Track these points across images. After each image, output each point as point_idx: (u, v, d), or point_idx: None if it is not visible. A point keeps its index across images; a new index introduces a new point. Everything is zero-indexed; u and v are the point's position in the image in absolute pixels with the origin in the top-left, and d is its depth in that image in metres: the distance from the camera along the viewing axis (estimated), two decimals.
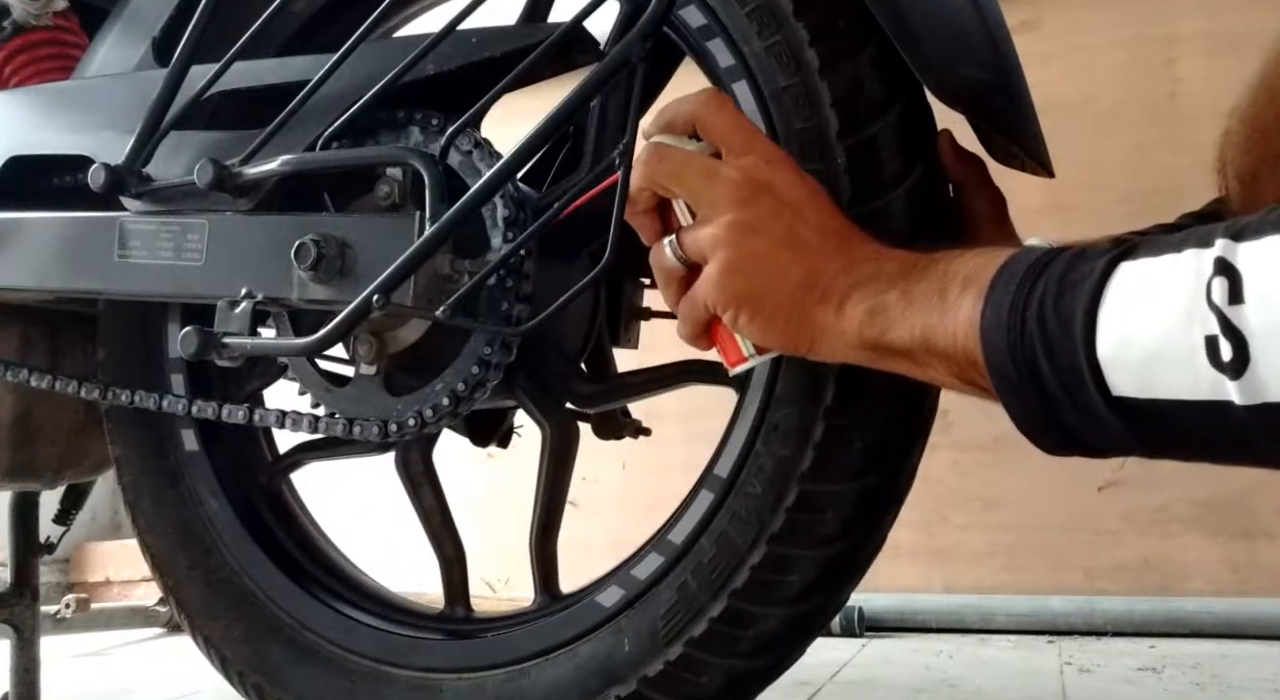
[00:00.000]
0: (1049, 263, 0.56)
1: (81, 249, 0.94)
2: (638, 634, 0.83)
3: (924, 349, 0.61)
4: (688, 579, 0.81)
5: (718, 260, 0.67)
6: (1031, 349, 0.54)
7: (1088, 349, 0.52)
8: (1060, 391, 0.54)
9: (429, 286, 0.78)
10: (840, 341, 0.65)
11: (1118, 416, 0.53)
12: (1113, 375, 0.52)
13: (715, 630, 0.80)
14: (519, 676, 0.89)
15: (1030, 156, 0.78)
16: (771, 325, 0.67)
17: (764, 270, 0.66)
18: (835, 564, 0.78)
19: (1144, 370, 0.51)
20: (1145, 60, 2.06)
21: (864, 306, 0.63)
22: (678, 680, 0.81)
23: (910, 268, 0.63)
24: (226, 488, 1.04)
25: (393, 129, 0.86)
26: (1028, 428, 0.57)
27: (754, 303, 0.66)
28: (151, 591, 2.42)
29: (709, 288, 0.67)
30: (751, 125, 0.71)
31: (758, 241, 0.66)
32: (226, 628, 1.01)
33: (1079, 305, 0.53)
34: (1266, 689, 1.46)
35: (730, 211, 0.66)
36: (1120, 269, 0.53)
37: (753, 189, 0.67)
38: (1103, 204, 2.01)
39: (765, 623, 0.79)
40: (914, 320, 0.61)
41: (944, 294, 0.60)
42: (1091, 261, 0.54)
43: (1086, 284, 0.53)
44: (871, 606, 2.06)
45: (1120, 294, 0.52)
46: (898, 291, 0.62)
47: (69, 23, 1.13)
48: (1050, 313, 0.54)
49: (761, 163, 0.68)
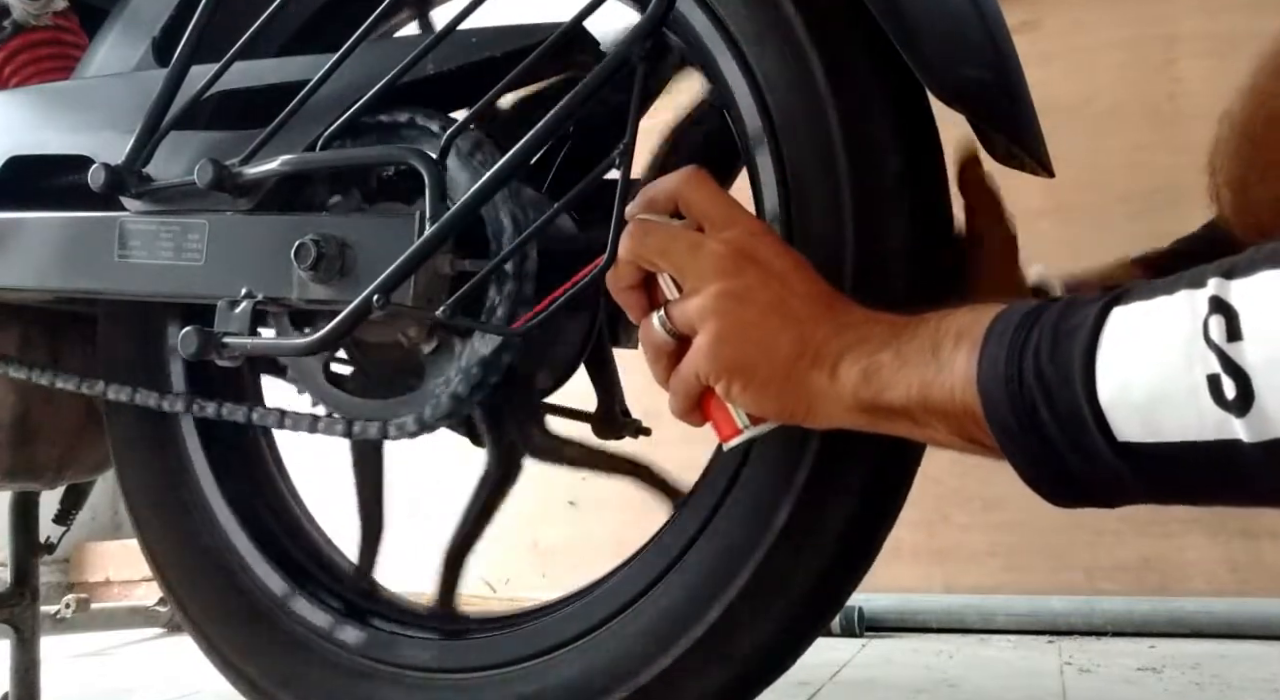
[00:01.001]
0: (1041, 313, 0.56)
1: (81, 249, 0.94)
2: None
3: (922, 407, 0.61)
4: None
5: (707, 330, 0.67)
6: (1031, 398, 0.54)
7: (1088, 394, 0.52)
8: (1063, 439, 0.54)
9: (429, 286, 0.78)
10: (837, 405, 0.65)
11: (1124, 461, 0.52)
12: (1116, 419, 0.52)
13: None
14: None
15: (1030, 156, 0.78)
16: (765, 393, 0.66)
17: (755, 338, 0.66)
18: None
19: (1147, 413, 0.51)
20: (1145, 60, 2.06)
21: (858, 368, 0.63)
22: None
23: (901, 328, 0.63)
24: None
25: (393, 129, 0.86)
26: (1032, 478, 0.57)
27: (746, 371, 0.66)
28: (151, 591, 2.42)
29: (700, 358, 0.67)
30: (733, 200, 0.71)
31: (747, 310, 0.66)
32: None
33: (1076, 351, 0.53)
34: (1266, 689, 1.46)
35: (717, 282, 0.67)
36: (1114, 314, 0.53)
37: (738, 259, 0.67)
38: (1103, 204, 2.01)
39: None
40: (910, 378, 0.61)
41: (937, 350, 0.60)
42: (1084, 308, 0.54)
43: (1082, 331, 0.53)
44: (871, 606, 2.06)
45: (1116, 338, 0.52)
46: (890, 351, 0.62)
47: (69, 23, 1.13)
48: (1047, 362, 0.54)
49: (745, 234, 0.68)
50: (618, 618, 0.83)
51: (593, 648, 0.83)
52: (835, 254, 0.75)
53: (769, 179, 0.79)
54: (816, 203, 0.76)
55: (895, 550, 0.80)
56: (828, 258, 0.75)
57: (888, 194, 0.75)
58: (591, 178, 0.75)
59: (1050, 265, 0.90)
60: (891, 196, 0.75)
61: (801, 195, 0.77)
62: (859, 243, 0.76)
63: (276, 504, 1.06)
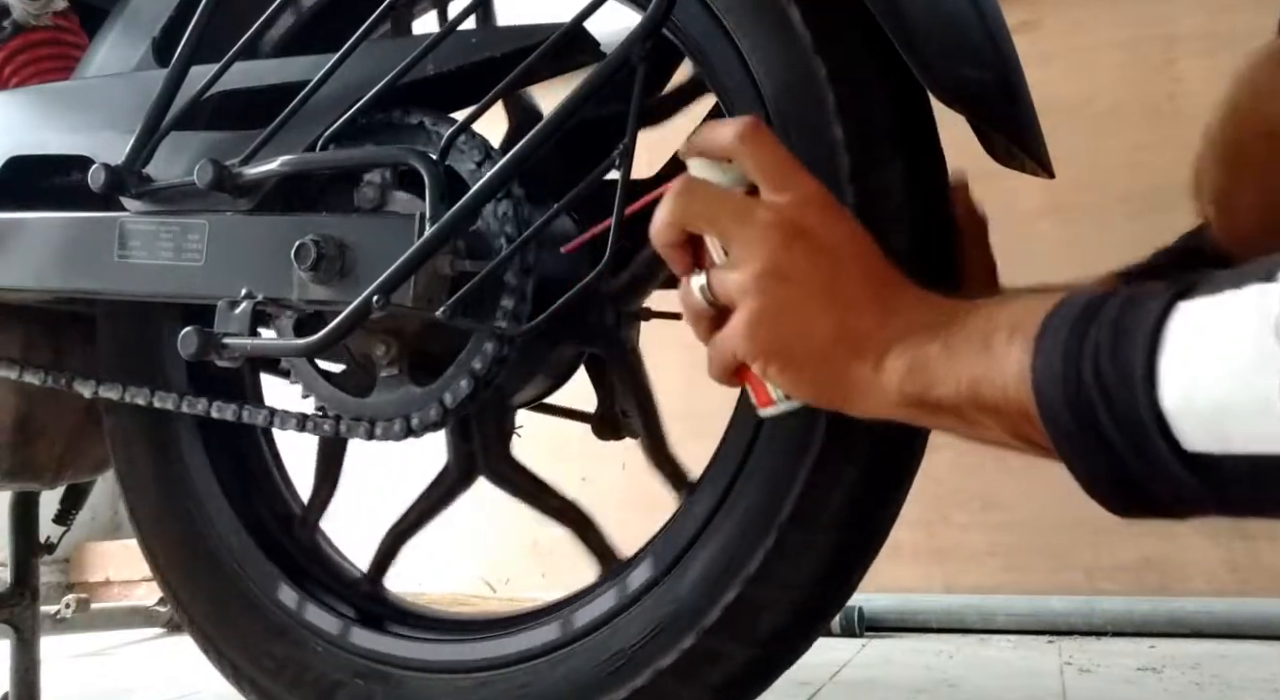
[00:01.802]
0: (1101, 306, 0.52)
1: (81, 249, 0.94)
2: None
3: (972, 404, 0.57)
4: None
5: (745, 309, 0.63)
6: (1090, 402, 0.50)
7: (1150, 401, 0.48)
8: (1127, 448, 0.50)
9: (429, 287, 0.78)
10: (880, 398, 0.61)
11: (1193, 473, 0.48)
12: (1182, 428, 0.48)
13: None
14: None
15: (1030, 156, 0.78)
16: (801, 378, 0.63)
17: (794, 323, 0.62)
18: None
19: (1216, 422, 0.47)
20: (1145, 60, 2.06)
21: (903, 361, 0.60)
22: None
23: (951, 316, 0.59)
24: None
25: (393, 129, 0.86)
26: (1095, 488, 0.53)
27: (783, 355, 0.63)
28: (151, 591, 2.42)
29: (736, 337, 0.64)
30: (792, 160, 0.66)
31: (789, 291, 0.62)
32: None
33: (1137, 353, 0.49)
34: (1266, 689, 1.46)
35: (762, 257, 0.63)
36: (1178, 310, 0.49)
37: (787, 234, 0.63)
38: (1103, 204, 2.01)
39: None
40: (959, 373, 0.57)
41: (989, 344, 0.56)
42: (1148, 303, 0.50)
43: (1143, 329, 0.49)
44: (871, 606, 2.06)
45: (1180, 338, 0.48)
46: (939, 343, 0.58)
47: (69, 23, 1.13)
48: (1107, 362, 0.50)
49: (799, 203, 0.64)
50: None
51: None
52: None
53: None
54: None
55: (895, 550, 0.80)
56: None
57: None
58: (592, 178, 0.75)
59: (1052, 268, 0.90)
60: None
61: None
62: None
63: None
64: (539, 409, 1.11)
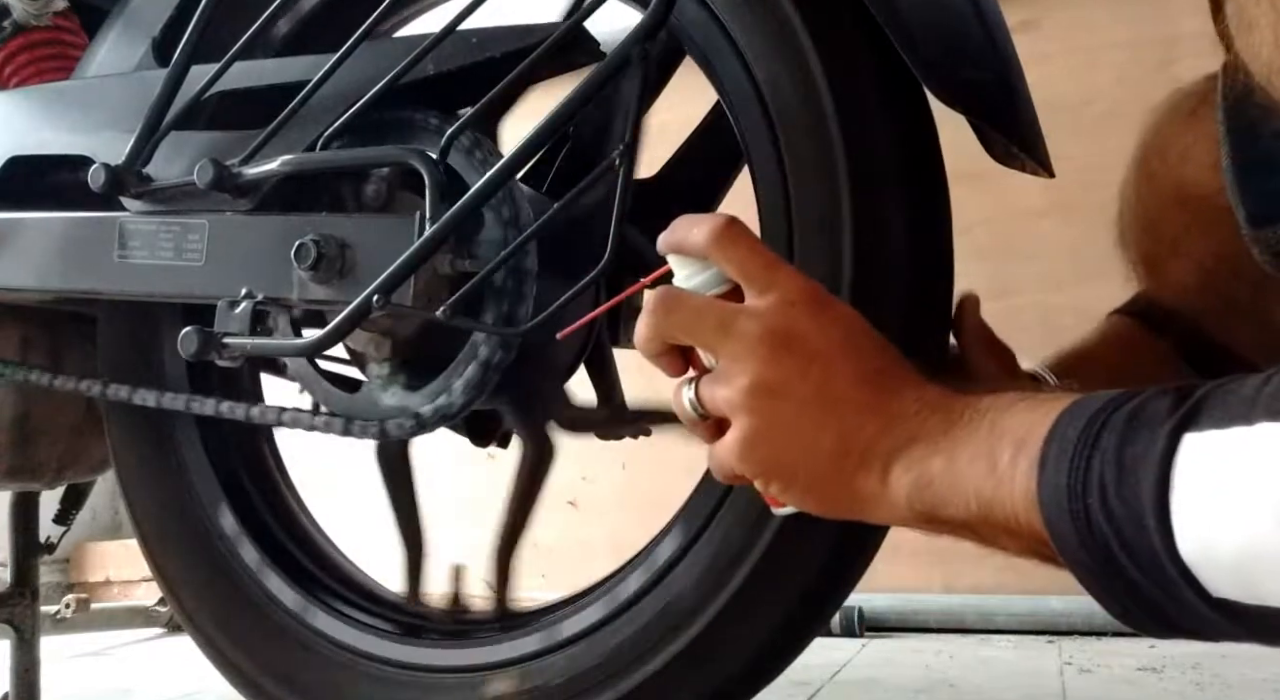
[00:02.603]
0: (1101, 430, 0.49)
1: (81, 249, 0.95)
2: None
3: (985, 524, 0.55)
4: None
5: (739, 428, 0.60)
6: (1104, 539, 0.48)
7: (1168, 549, 0.46)
8: (1152, 588, 0.47)
9: (429, 286, 0.78)
10: (891, 511, 0.58)
11: (1224, 617, 0.46)
12: (1206, 578, 0.45)
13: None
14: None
15: (1030, 156, 0.78)
16: (808, 496, 0.60)
17: (791, 440, 0.59)
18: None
19: (1243, 575, 0.44)
20: (1145, 60, 2.06)
21: (909, 477, 0.57)
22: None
23: (954, 422, 0.56)
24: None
25: (393, 129, 0.86)
26: (1127, 620, 0.51)
27: (785, 475, 0.60)
28: (151, 591, 2.42)
29: (733, 457, 0.61)
30: (772, 258, 0.62)
31: (782, 407, 0.59)
32: None
33: (1145, 495, 0.46)
34: (1266, 689, 1.46)
35: (750, 373, 0.59)
36: (1185, 444, 0.46)
37: (774, 345, 0.59)
38: (1103, 204, 2.01)
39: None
40: (966, 494, 0.55)
41: (993, 461, 0.53)
42: (1150, 432, 0.47)
43: (1148, 467, 0.46)
44: (871, 606, 2.06)
45: (1191, 481, 0.45)
46: (943, 457, 0.56)
47: (69, 23, 1.13)
48: (1115, 502, 0.47)
49: (785, 305, 0.60)
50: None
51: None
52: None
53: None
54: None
55: (895, 550, 0.80)
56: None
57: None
58: (592, 178, 0.75)
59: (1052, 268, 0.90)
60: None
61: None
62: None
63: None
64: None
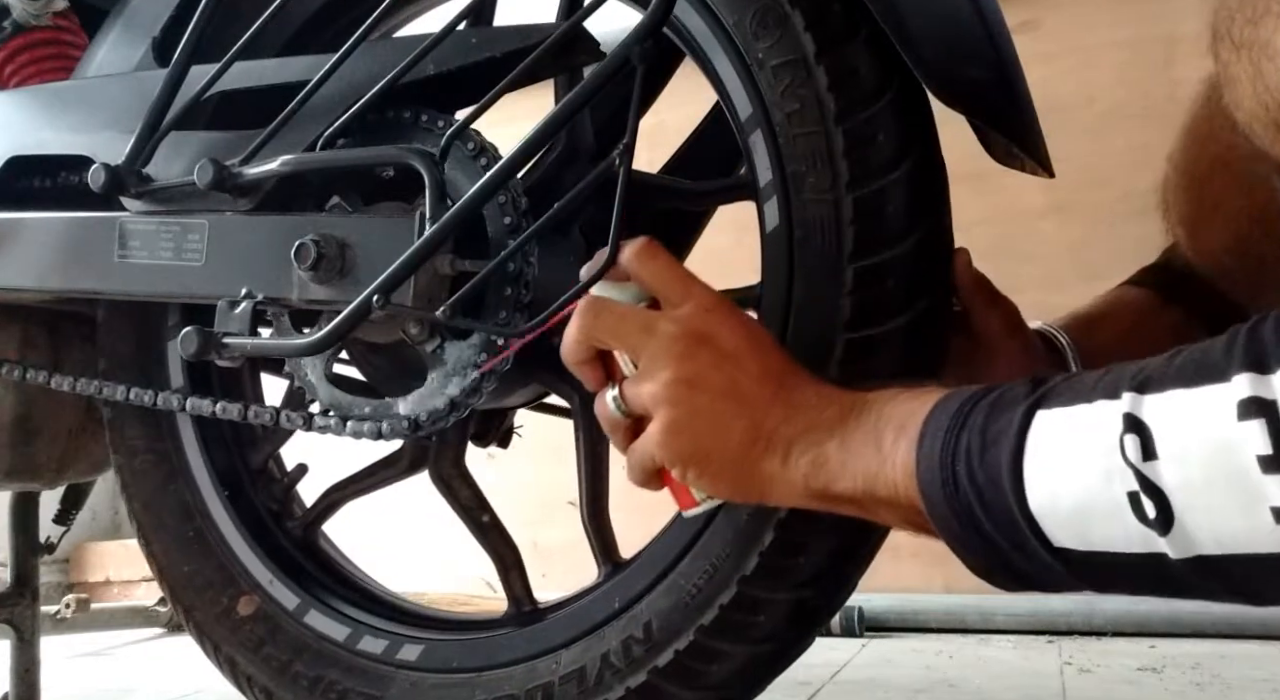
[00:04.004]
0: (970, 411, 0.57)
1: (81, 249, 0.94)
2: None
3: (869, 498, 0.62)
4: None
5: (660, 419, 0.67)
6: (967, 502, 0.56)
7: (1019, 503, 0.54)
8: (1005, 542, 0.56)
9: (429, 286, 0.78)
10: (789, 491, 0.66)
11: (1063, 564, 0.54)
12: (1048, 527, 0.53)
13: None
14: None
15: (1030, 156, 0.78)
16: (720, 479, 0.67)
17: (707, 428, 0.66)
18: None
19: (1077, 523, 0.52)
20: (1145, 60, 2.06)
21: (807, 457, 0.64)
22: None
23: (847, 412, 0.64)
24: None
25: (393, 129, 0.86)
26: (982, 573, 0.59)
27: (700, 460, 0.66)
28: (152, 591, 2.42)
29: (654, 446, 0.67)
30: (686, 273, 0.70)
31: (699, 398, 0.66)
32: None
33: (1003, 460, 0.54)
34: (1266, 689, 1.46)
35: (670, 367, 0.66)
36: (1037, 419, 0.54)
37: (690, 342, 0.66)
38: (1103, 203, 2.01)
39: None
40: (855, 471, 0.62)
41: (879, 443, 0.61)
42: (1010, 411, 0.55)
43: (1007, 438, 0.55)
44: (871, 606, 2.06)
45: (1040, 447, 0.53)
46: (836, 441, 0.63)
47: (69, 23, 1.13)
48: (978, 467, 0.55)
49: (700, 311, 0.68)
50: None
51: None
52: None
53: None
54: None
55: (895, 550, 0.80)
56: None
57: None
58: (592, 178, 0.75)
59: (1052, 268, 0.90)
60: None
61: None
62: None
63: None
64: (539, 409, 1.11)
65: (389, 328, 0.85)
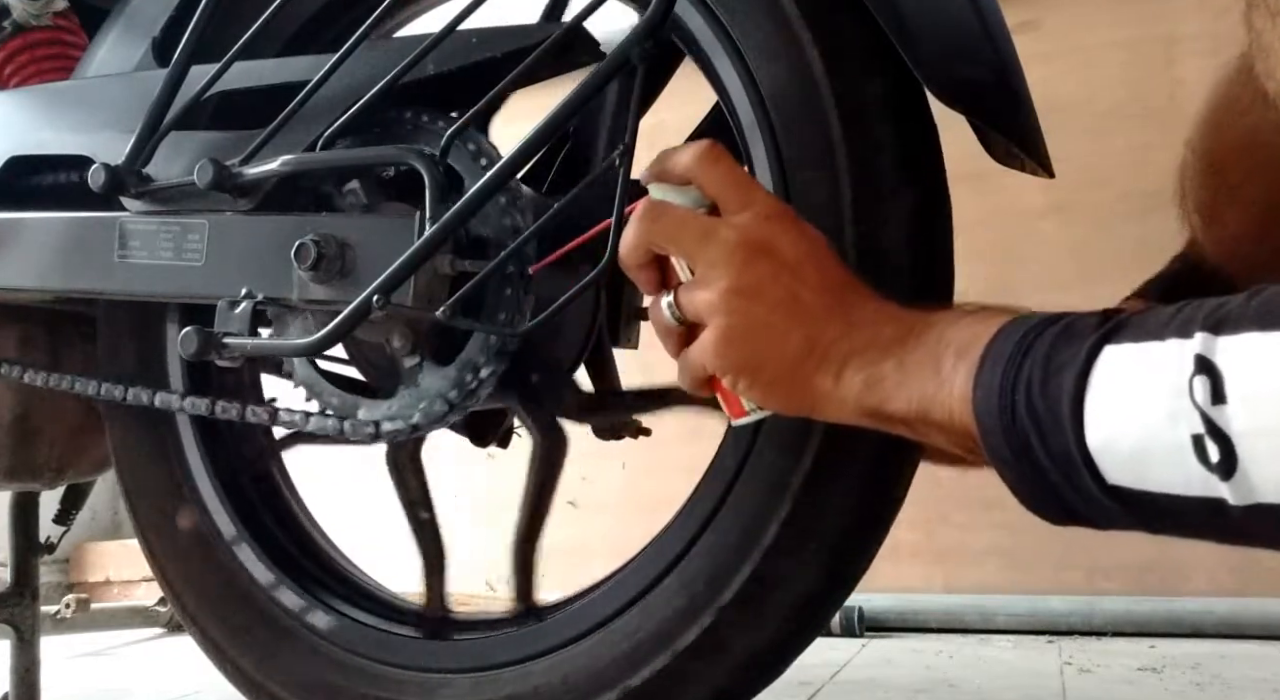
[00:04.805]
0: (1036, 340, 0.56)
1: (81, 249, 0.94)
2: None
3: (921, 421, 0.61)
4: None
5: (715, 328, 0.66)
6: (1024, 433, 0.55)
7: (1078, 438, 0.53)
8: (1058, 475, 0.55)
9: (429, 286, 0.78)
10: (840, 408, 0.65)
11: (1115, 502, 0.53)
12: (1105, 465, 0.52)
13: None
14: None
15: (1030, 156, 0.78)
16: (772, 392, 0.66)
17: (762, 339, 0.65)
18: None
19: (1135, 464, 0.51)
20: (1145, 60, 2.06)
21: (861, 376, 0.63)
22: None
23: (907, 332, 0.63)
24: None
25: (393, 129, 0.86)
26: (1030, 505, 0.58)
27: (753, 371, 0.65)
28: (152, 591, 2.42)
29: (707, 354, 0.66)
30: (749, 179, 0.69)
31: (755, 308, 0.65)
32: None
33: (1065, 393, 0.53)
34: (1266, 689, 1.46)
35: (727, 276, 0.65)
36: (1104, 354, 0.53)
37: (750, 251, 0.65)
38: (1103, 204, 2.01)
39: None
40: (910, 392, 0.61)
41: (938, 367, 0.60)
42: (1077, 343, 0.54)
43: (1071, 370, 0.53)
44: (871, 606, 2.06)
45: (1105, 383, 0.52)
46: (893, 361, 0.62)
47: (69, 23, 1.13)
48: (1038, 398, 0.54)
49: (760, 219, 0.66)
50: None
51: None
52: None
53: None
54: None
55: (895, 550, 0.80)
56: None
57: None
58: (592, 177, 0.75)
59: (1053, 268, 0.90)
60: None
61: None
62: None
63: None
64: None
65: (386, 329, 0.85)
